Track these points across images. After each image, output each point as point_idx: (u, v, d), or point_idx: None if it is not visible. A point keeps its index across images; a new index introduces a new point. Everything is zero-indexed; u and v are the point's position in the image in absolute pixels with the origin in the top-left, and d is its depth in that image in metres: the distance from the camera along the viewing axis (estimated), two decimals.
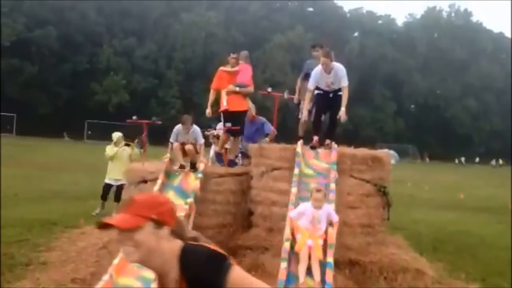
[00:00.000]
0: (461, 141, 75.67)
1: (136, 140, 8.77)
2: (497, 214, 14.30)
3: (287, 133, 7.17)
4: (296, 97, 8.04)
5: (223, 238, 6.71)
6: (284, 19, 69.18)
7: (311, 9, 75.38)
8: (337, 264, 6.00)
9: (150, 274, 5.03)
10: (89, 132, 53.76)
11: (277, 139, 7.41)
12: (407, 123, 74.62)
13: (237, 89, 7.83)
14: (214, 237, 6.73)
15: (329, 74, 6.85)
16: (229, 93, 7.79)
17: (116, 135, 10.32)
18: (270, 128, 8.43)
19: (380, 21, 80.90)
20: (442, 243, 9.35)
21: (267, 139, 8.14)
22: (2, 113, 46.23)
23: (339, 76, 6.86)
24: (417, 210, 14.32)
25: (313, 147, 6.89)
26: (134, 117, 7.41)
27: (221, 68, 8.03)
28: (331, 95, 7.00)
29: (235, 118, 7.73)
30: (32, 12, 54.81)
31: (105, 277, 4.89)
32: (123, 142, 10.26)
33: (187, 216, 5.93)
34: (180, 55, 60.28)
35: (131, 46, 60.65)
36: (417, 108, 79.68)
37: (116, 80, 56.82)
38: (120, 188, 10.01)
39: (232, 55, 8.03)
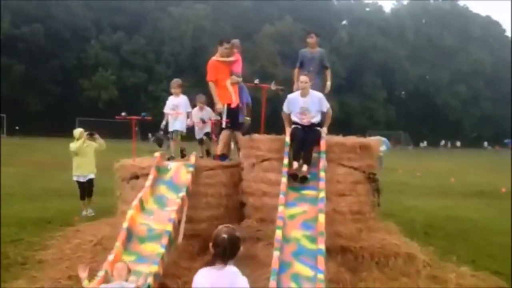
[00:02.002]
0: (452, 127, 76.27)
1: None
2: (488, 198, 14.51)
3: (277, 124, 7.20)
4: (295, 88, 7.95)
5: (215, 230, 6.76)
6: (273, 10, 69.00)
7: None
8: (329, 251, 6.07)
9: (144, 269, 5.10)
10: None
11: (267, 130, 7.43)
12: (398, 110, 75.02)
13: (240, 79, 7.75)
14: (207, 230, 6.81)
15: (304, 97, 6.70)
16: (233, 84, 7.59)
17: (77, 131, 10.23)
18: (248, 98, 8.27)
19: (367, 9, 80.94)
20: (434, 229, 9.49)
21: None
22: None
23: (315, 102, 6.71)
24: (409, 196, 14.49)
25: (294, 176, 6.35)
26: (123, 113, 7.40)
27: (216, 58, 7.55)
28: (307, 128, 6.70)
29: (232, 111, 7.57)
30: (18, 9, 54.19)
31: (100, 273, 4.94)
32: (85, 137, 10.06)
33: (180, 210, 5.97)
34: (169, 49, 60.04)
35: (119, 41, 60.27)
36: (408, 95, 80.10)
37: (105, 76, 56.49)
38: (89, 182, 10.11)
39: (226, 45, 7.55)
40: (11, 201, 10.88)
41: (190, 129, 7.95)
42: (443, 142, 67.32)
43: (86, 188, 10.07)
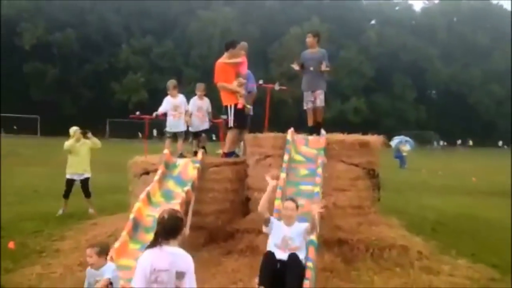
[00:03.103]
0: (486, 127, 74.58)
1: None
2: (508, 197, 14.33)
3: (280, 123, 7.48)
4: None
5: (221, 223, 7.13)
6: (300, 11, 69.03)
7: (326, 0, 75.07)
8: (327, 243, 6.38)
9: None
10: (109, 131, 54.95)
11: (270, 129, 7.74)
12: (429, 110, 73.80)
13: (246, 81, 7.97)
14: (213, 223, 7.21)
15: (290, 227, 5.19)
16: (240, 86, 7.80)
17: (73, 129, 10.18)
18: (254, 88, 8.35)
19: (397, 8, 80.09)
20: (442, 225, 9.59)
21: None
22: (26, 116, 47.64)
23: (300, 233, 5.13)
24: (427, 195, 14.51)
25: None
26: (137, 113, 7.85)
27: (223, 61, 7.83)
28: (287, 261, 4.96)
29: (239, 111, 7.77)
30: (51, 16, 56.07)
31: None
32: (80, 135, 10.07)
33: (183, 203, 6.32)
34: (197, 52, 60.87)
35: (149, 45, 61.48)
36: (439, 95, 78.83)
37: (135, 79, 57.78)
38: (85, 182, 10.07)
39: (239, 46, 7.90)
40: (36, 198, 11.48)
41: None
42: (460, 141, 66.10)
43: (82, 188, 10.02)
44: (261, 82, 7.87)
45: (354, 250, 6.32)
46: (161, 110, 7.96)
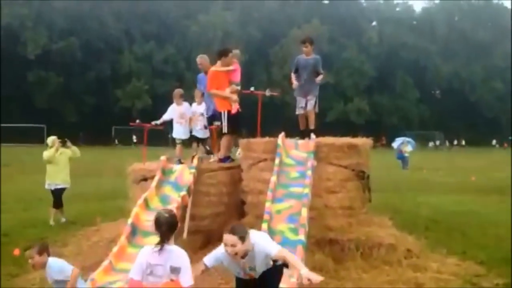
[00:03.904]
0: (490, 124, 74.43)
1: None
2: (507, 195, 14.45)
3: (272, 128, 7.74)
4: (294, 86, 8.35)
5: (217, 226, 7.35)
6: (300, 13, 69.37)
7: (326, 1, 75.40)
8: (318, 243, 6.65)
9: None
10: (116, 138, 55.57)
11: (263, 134, 8.00)
12: (431, 109, 73.81)
13: (239, 88, 8.15)
14: (209, 226, 7.47)
15: (243, 259, 3.94)
16: (233, 92, 7.94)
17: (50, 138, 10.11)
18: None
19: (398, 9, 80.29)
20: (435, 223, 9.78)
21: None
22: (31, 125, 48.19)
23: (260, 258, 3.93)
24: (425, 194, 14.69)
25: None
26: (137, 121, 8.13)
27: (216, 69, 7.90)
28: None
29: (232, 117, 7.89)
30: (54, 24, 56.65)
31: (105, 263, 5.61)
32: (58, 145, 9.97)
33: (179, 207, 6.58)
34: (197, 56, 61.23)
35: (151, 51, 61.96)
36: (441, 93, 78.82)
37: (138, 85, 58.26)
38: (60, 192, 9.94)
39: (226, 55, 7.92)
40: (40, 205, 11.75)
41: None
42: (456, 141, 66.13)
43: (54, 196, 9.91)
44: (252, 89, 8.14)
45: (345, 250, 6.56)
46: (166, 117, 8.23)
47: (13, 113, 52.50)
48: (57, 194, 9.94)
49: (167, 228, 3.77)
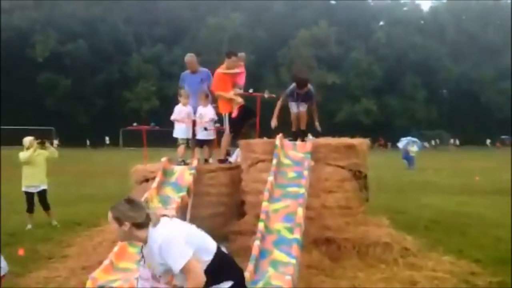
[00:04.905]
0: (500, 125, 73.79)
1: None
2: (508, 196, 14.44)
3: (271, 129, 7.85)
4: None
5: (217, 226, 7.48)
6: (308, 14, 69.45)
7: (334, 2, 75.40)
8: (315, 242, 6.75)
9: None
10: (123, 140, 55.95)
11: (261, 135, 8.13)
12: (440, 110, 73.49)
13: (241, 91, 8.38)
14: (209, 226, 7.54)
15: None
16: (236, 95, 8.15)
17: (27, 139, 9.73)
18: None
19: (405, 8, 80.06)
20: (436, 223, 9.81)
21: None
22: (40, 127, 48.58)
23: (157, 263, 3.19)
24: (428, 195, 14.67)
25: None
26: (134, 124, 8.28)
27: (222, 71, 8.11)
28: None
29: (233, 120, 8.13)
30: (63, 27, 57.24)
31: (106, 262, 5.76)
32: (37, 146, 9.71)
33: (178, 208, 6.72)
34: (206, 58, 61.44)
35: (159, 53, 62.37)
36: (450, 94, 78.37)
37: (146, 87, 58.70)
38: (43, 194, 9.74)
39: (233, 58, 8.14)
40: None
41: None
42: (451, 140, 65.55)
43: (39, 201, 9.72)
44: (251, 90, 8.27)
45: (341, 249, 6.65)
46: (175, 117, 8.24)
47: (22, 115, 53.06)
48: (41, 196, 9.77)
49: None
